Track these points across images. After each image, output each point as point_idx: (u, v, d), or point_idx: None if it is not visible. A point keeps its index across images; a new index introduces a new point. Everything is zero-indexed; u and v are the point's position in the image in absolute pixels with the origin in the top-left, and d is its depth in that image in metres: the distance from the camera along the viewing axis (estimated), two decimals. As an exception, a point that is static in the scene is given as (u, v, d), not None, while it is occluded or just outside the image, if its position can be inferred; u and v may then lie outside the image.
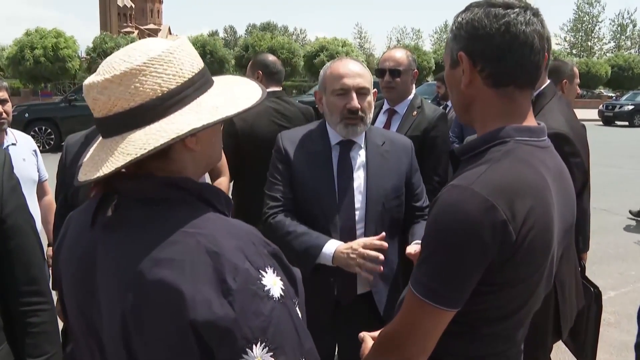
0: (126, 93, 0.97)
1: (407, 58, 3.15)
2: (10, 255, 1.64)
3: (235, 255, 0.93)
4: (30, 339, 1.66)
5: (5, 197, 1.63)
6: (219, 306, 0.89)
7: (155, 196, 1.00)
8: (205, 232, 0.95)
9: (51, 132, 14.64)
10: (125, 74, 0.97)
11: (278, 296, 0.94)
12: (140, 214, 1.00)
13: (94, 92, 0.99)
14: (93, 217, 1.04)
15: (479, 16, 1.25)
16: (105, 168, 0.97)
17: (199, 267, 0.91)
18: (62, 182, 2.65)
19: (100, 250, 1.01)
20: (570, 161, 2.12)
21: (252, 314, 0.90)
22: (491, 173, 1.19)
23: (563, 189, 1.32)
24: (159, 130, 0.98)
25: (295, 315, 0.98)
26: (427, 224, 1.24)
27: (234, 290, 0.90)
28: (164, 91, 0.99)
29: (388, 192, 2.21)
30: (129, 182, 1.01)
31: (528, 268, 1.23)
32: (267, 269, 0.95)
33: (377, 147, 2.26)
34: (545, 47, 1.27)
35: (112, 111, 0.98)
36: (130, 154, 0.96)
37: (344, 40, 38.26)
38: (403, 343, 1.28)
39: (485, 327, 1.31)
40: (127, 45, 1.06)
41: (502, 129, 1.26)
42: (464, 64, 1.28)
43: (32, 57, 28.21)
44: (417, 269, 1.25)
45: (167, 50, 1.00)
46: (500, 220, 1.14)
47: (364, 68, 2.23)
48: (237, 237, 0.97)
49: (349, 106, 2.13)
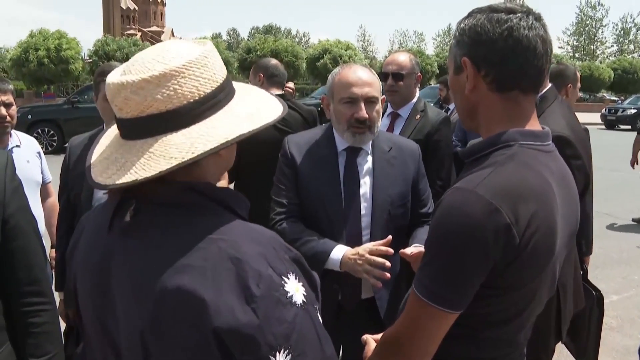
0: (164, 95, 0.95)
1: (410, 62, 3.16)
2: (13, 256, 1.64)
3: (257, 261, 0.92)
4: (32, 339, 1.67)
5: (7, 198, 1.63)
6: (242, 313, 0.88)
7: (177, 201, 0.98)
8: (227, 238, 0.94)
9: (54, 133, 14.70)
10: (163, 75, 0.95)
11: (300, 302, 0.93)
12: (160, 220, 0.98)
13: (126, 92, 0.96)
14: (110, 221, 1.02)
15: (481, 22, 1.26)
16: (144, 172, 0.93)
17: (222, 273, 0.90)
18: (65, 184, 2.66)
19: (117, 256, 1.00)
20: (572, 164, 2.13)
21: (275, 320, 0.89)
22: (495, 176, 1.19)
23: (567, 193, 1.32)
24: (202, 134, 0.96)
25: (317, 321, 0.98)
26: (431, 226, 1.24)
27: (257, 296, 0.89)
28: (200, 95, 0.98)
29: (394, 199, 2.21)
30: (150, 187, 0.97)
31: (531, 272, 1.23)
32: (289, 275, 0.94)
33: (383, 154, 2.25)
34: (548, 51, 1.27)
35: (145, 112, 0.96)
36: (176, 158, 0.93)
37: (347, 43, 38.28)
38: (405, 345, 1.28)
39: (487, 330, 1.31)
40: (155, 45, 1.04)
41: (506, 133, 1.26)
42: (467, 70, 1.28)
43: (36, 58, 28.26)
44: (420, 271, 1.25)
45: (203, 54, 1.00)
46: (503, 224, 1.14)
47: (373, 75, 2.21)
48: (259, 242, 0.96)
49: (357, 116, 2.12)
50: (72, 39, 29.76)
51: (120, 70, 1.01)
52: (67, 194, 2.63)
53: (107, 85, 0.99)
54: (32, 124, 14.15)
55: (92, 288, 1.04)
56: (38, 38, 28.96)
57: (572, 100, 3.49)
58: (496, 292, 1.23)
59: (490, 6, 1.28)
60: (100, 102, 2.54)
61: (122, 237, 1.00)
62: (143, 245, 0.97)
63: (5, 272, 1.64)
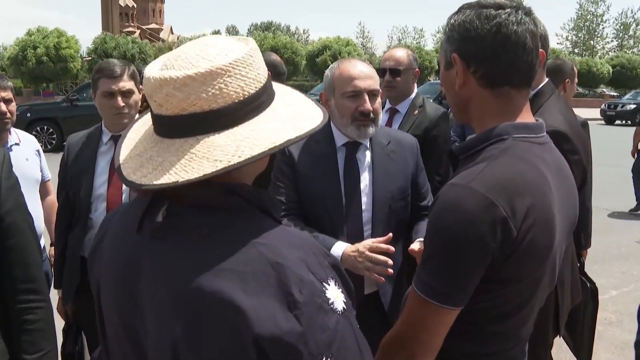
0: (209, 93, 0.90)
1: (408, 57, 3.16)
2: (8, 253, 1.65)
3: (299, 266, 0.88)
4: (27, 336, 1.68)
5: (3, 196, 1.64)
6: (284, 320, 0.84)
7: (214, 204, 0.94)
8: (267, 242, 0.90)
9: (53, 131, 14.68)
10: (210, 72, 0.90)
11: (341, 309, 0.90)
12: (195, 222, 0.93)
13: (169, 88, 0.91)
14: (140, 222, 0.97)
15: (470, 18, 1.26)
16: (186, 174, 0.89)
17: (262, 278, 0.85)
18: (63, 182, 2.65)
19: (146, 259, 0.95)
20: (569, 158, 2.11)
21: (318, 328, 0.86)
22: (489, 170, 1.19)
23: (564, 184, 1.31)
24: (247, 137, 0.92)
25: (357, 329, 0.95)
26: (428, 223, 1.25)
27: (300, 303, 0.85)
28: (245, 95, 0.94)
29: (394, 193, 2.21)
30: (186, 188, 0.90)
31: (530, 265, 1.23)
32: (329, 281, 0.91)
33: (382, 148, 2.25)
34: (539, 45, 1.27)
35: (187, 110, 0.91)
36: (221, 161, 0.89)
37: (347, 40, 38.25)
38: (408, 343, 1.28)
39: (488, 325, 1.31)
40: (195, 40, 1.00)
41: (498, 127, 1.26)
42: (457, 66, 1.28)
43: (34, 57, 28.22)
44: (419, 268, 1.25)
45: (249, 52, 0.96)
46: (500, 217, 1.14)
47: (372, 69, 2.21)
48: (298, 247, 0.92)
49: (362, 109, 2.11)
50: (71, 37, 29.73)
51: (160, 65, 0.96)
52: (66, 191, 2.62)
53: (147, 79, 0.94)
54: (31, 122, 14.12)
55: (118, 292, 1.00)
56: (37, 36, 28.92)
57: (569, 95, 3.49)
58: (496, 286, 1.23)
59: (480, 2, 1.28)
60: (98, 99, 2.54)
61: (153, 239, 0.95)
62: (177, 248, 0.92)
63: (1, 269, 1.65)
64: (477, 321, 1.29)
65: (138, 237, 0.97)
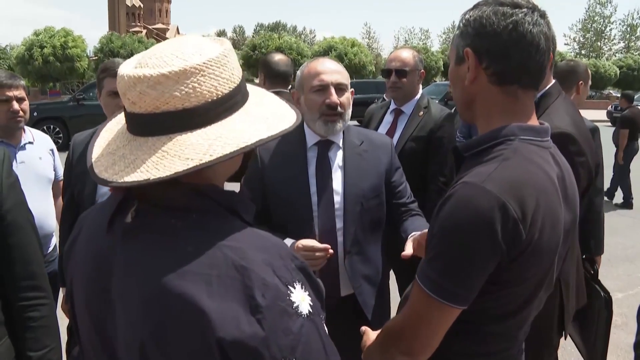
0: (182, 92, 0.91)
1: (414, 58, 3.15)
2: (10, 251, 1.66)
3: (263, 269, 0.88)
4: (31, 333, 1.69)
5: (4, 194, 1.65)
6: (247, 324, 0.84)
7: (183, 205, 0.94)
8: (233, 245, 0.90)
9: (59, 130, 14.74)
10: (184, 71, 0.91)
11: (307, 313, 0.90)
12: (164, 223, 0.93)
13: (142, 86, 0.91)
14: (110, 220, 0.98)
15: (487, 14, 1.26)
16: (157, 171, 0.89)
17: (227, 282, 0.86)
18: (68, 181, 2.66)
19: (118, 258, 0.95)
20: (576, 160, 2.11)
21: (281, 332, 0.86)
22: (502, 171, 1.19)
23: (567, 189, 1.32)
24: (219, 136, 0.93)
25: (323, 332, 0.94)
26: (439, 219, 1.24)
27: (263, 307, 0.85)
28: (218, 95, 0.95)
29: (366, 191, 2.19)
30: (154, 188, 0.91)
31: (534, 267, 1.23)
32: (295, 284, 0.90)
33: (354, 147, 2.25)
34: (551, 48, 1.27)
35: (160, 109, 0.92)
36: (192, 159, 0.90)
37: (352, 40, 38.23)
38: (408, 337, 1.29)
39: (487, 325, 1.31)
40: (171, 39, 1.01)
41: (506, 127, 1.26)
42: (469, 61, 1.28)
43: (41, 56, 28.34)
44: (426, 264, 1.25)
45: (223, 53, 0.96)
46: (511, 218, 1.14)
47: (341, 67, 2.23)
48: (265, 250, 0.92)
49: (328, 101, 2.11)
50: (77, 37, 29.89)
51: (135, 63, 0.96)
52: (71, 190, 2.62)
53: (120, 77, 0.94)
54: (37, 121, 14.18)
55: (90, 290, 1.01)
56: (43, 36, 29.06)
57: (582, 97, 3.44)
58: (498, 287, 1.24)
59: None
60: (103, 98, 2.54)
61: (124, 238, 0.96)
62: (146, 249, 0.93)
63: (2, 267, 1.66)
64: (476, 321, 1.29)
65: (108, 236, 0.98)
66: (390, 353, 1.36)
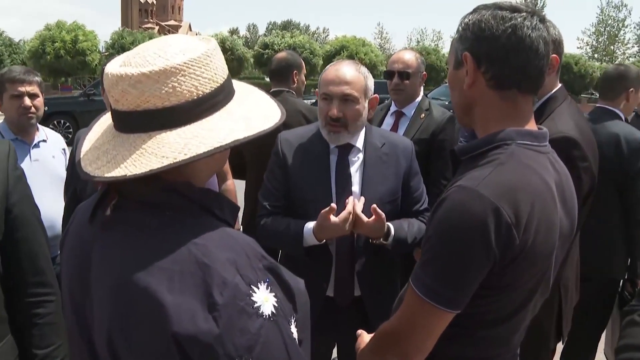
0: (162, 91, 0.93)
1: (416, 60, 3.13)
2: (17, 246, 1.64)
3: (225, 268, 0.89)
4: (37, 330, 1.67)
5: (11, 187, 1.63)
6: (202, 320, 0.86)
7: (156, 201, 0.97)
8: (199, 242, 0.92)
9: (70, 125, 14.81)
10: (163, 71, 0.93)
11: (269, 314, 0.90)
12: (137, 218, 0.97)
13: (124, 84, 0.94)
14: (92, 213, 1.02)
15: (486, 18, 1.26)
16: (135, 168, 0.92)
17: (188, 278, 0.88)
18: (71, 176, 2.66)
19: (96, 249, 0.99)
20: (579, 165, 2.09)
21: (237, 330, 0.87)
22: (496, 176, 1.19)
23: (565, 195, 1.31)
24: (196, 135, 0.95)
25: (287, 335, 0.94)
26: (433, 223, 1.24)
27: (220, 305, 0.87)
28: (199, 95, 0.96)
29: (383, 195, 2.20)
30: (131, 184, 0.96)
31: (528, 273, 1.23)
32: (259, 285, 0.91)
33: (375, 150, 2.25)
34: (550, 53, 1.27)
35: (141, 107, 0.94)
36: (167, 157, 0.92)
37: (363, 40, 38.17)
38: (402, 341, 1.29)
39: (481, 330, 1.31)
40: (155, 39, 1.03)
41: (503, 131, 1.26)
42: (468, 65, 1.28)
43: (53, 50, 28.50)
44: (420, 268, 1.25)
45: (205, 53, 0.98)
46: (505, 223, 1.14)
47: (358, 74, 2.17)
48: (230, 249, 0.93)
49: (330, 113, 2.13)
50: (89, 32, 30.03)
51: (120, 61, 0.99)
52: (74, 186, 2.62)
53: (105, 75, 0.97)
54: (48, 116, 14.22)
55: (73, 279, 1.04)
56: (55, 30, 29.22)
57: (631, 106, 3.15)
58: (492, 292, 1.24)
59: (496, 3, 1.29)
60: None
61: (102, 230, 0.99)
62: (119, 241, 0.96)
63: (9, 262, 1.63)
64: (470, 325, 1.30)
65: (90, 228, 1.02)
66: (384, 356, 1.37)
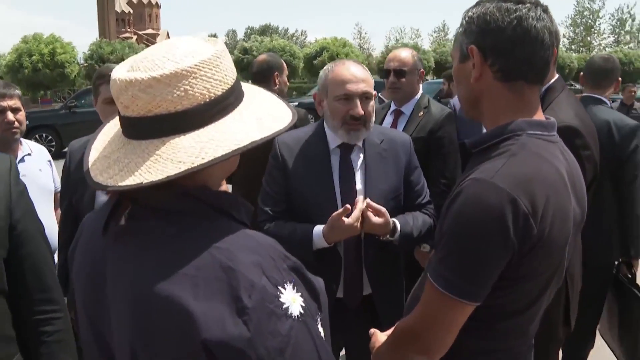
0: (174, 95, 0.91)
1: (413, 58, 3.13)
2: (22, 262, 1.59)
3: (251, 270, 0.88)
4: (45, 348, 1.63)
5: (14, 202, 1.58)
6: (232, 325, 0.84)
7: (172, 207, 0.94)
8: (222, 246, 0.90)
9: (52, 139, 14.69)
10: (174, 74, 0.90)
11: (297, 314, 0.89)
12: (154, 226, 0.94)
13: (134, 89, 0.91)
14: (105, 224, 0.99)
15: (490, 10, 1.26)
16: (150, 175, 0.89)
17: (213, 283, 0.86)
18: (66, 188, 2.62)
19: (110, 261, 0.97)
20: (581, 154, 2.12)
21: (268, 333, 0.85)
22: (510, 167, 1.19)
23: (576, 183, 1.32)
24: (212, 139, 0.92)
25: (316, 334, 0.93)
26: (450, 217, 1.24)
27: (249, 308, 0.85)
28: (211, 97, 0.94)
29: (387, 192, 2.20)
30: (146, 191, 0.92)
31: (545, 262, 1.24)
32: (286, 285, 0.90)
33: (375, 147, 2.25)
34: (554, 43, 1.28)
35: (152, 112, 0.92)
36: (185, 162, 0.89)
37: (344, 41, 38.30)
38: (422, 336, 1.29)
39: (498, 322, 1.32)
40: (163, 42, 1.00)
41: (513, 122, 1.27)
42: (474, 58, 1.29)
43: (30, 64, 28.21)
44: (438, 262, 1.25)
45: (215, 54, 0.96)
46: (522, 214, 1.15)
47: (366, 71, 2.21)
48: (254, 251, 0.91)
49: (353, 113, 2.10)
50: (66, 44, 29.74)
51: (127, 66, 0.96)
52: (69, 198, 2.58)
53: (113, 81, 0.94)
54: (30, 130, 14.09)
55: (87, 294, 1.02)
56: (32, 43, 28.91)
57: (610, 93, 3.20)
58: (510, 283, 1.24)
59: None
60: (100, 105, 2.50)
61: (115, 241, 0.97)
62: (136, 251, 0.93)
63: (15, 279, 1.58)
64: (487, 318, 1.30)
65: (103, 239, 0.98)
66: (404, 353, 1.37)
